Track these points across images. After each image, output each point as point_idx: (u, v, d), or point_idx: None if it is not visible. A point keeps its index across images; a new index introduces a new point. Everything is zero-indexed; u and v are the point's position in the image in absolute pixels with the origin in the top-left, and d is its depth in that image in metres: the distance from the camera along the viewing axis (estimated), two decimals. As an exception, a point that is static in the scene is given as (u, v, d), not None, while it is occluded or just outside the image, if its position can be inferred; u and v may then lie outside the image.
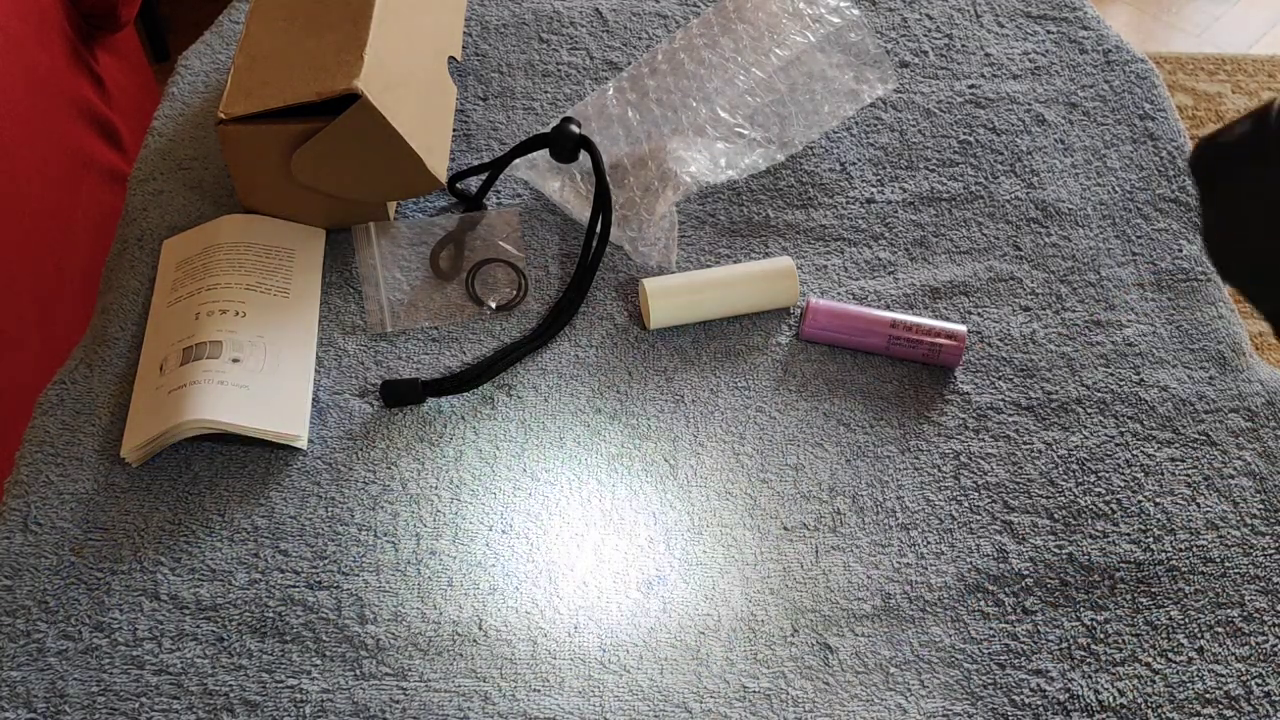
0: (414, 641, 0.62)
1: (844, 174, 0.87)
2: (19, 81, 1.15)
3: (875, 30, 0.98)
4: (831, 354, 0.76)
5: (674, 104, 0.85)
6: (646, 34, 0.98)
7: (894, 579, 0.65)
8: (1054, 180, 0.87)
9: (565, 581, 0.65)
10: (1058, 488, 0.70)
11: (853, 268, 0.81)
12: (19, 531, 0.67)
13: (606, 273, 0.81)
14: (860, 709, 0.60)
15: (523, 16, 0.99)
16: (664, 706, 0.60)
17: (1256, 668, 0.63)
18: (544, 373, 0.75)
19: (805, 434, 0.72)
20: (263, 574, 0.65)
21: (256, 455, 0.71)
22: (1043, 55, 0.96)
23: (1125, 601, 0.65)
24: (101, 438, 0.71)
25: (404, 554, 0.66)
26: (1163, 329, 0.78)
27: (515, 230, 0.83)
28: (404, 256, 0.81)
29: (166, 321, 0.75)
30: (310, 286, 0.78)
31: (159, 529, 0.67)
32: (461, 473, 0.70)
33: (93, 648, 0.62)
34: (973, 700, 0.60)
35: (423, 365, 0.76)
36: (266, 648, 0.62)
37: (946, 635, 0.63)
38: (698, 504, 0.69)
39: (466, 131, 0.90)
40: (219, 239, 0.78)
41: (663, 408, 0.73)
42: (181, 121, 0.91)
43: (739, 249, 0.82)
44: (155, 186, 0.86)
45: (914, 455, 0.71)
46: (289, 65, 0.77)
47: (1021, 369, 0.75)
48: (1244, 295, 0.47)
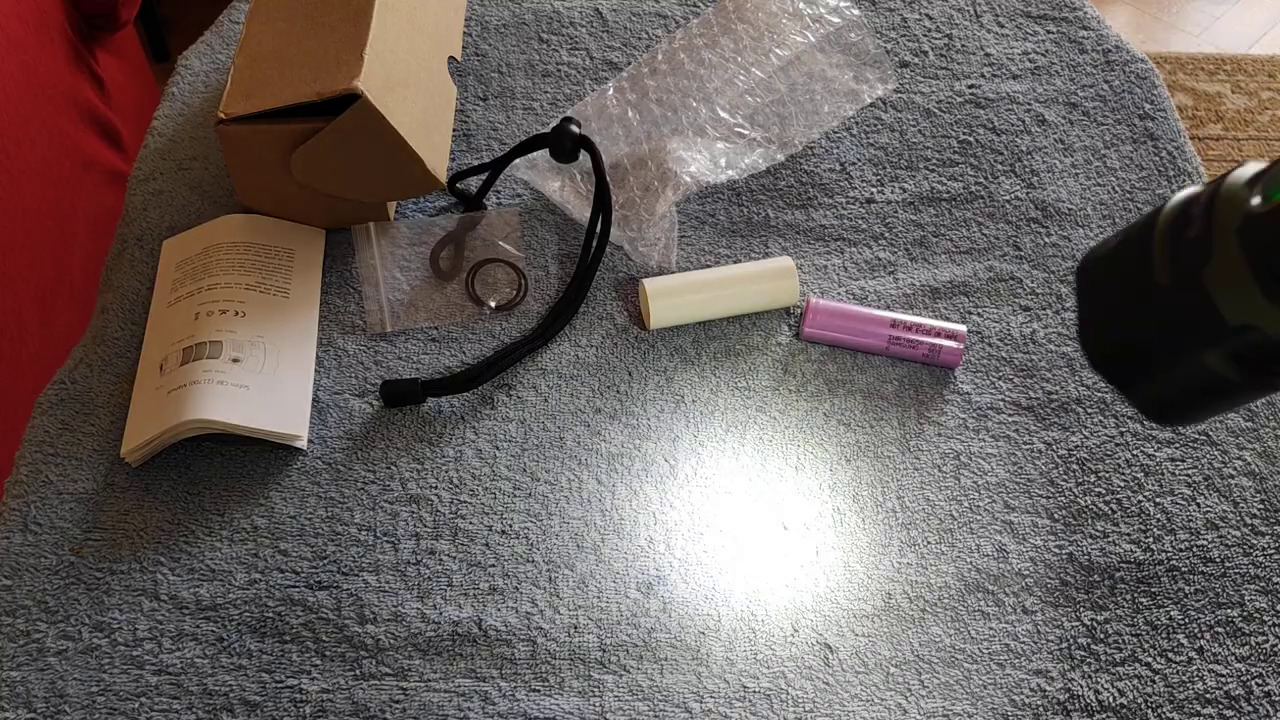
0: (414, 641, 0.62)
1: (844, 174, 0.87)
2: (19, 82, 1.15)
3: (875, 30, 0.98)
4: (831, 354, 0.76)
5: (674, 104, 0.85)
6: (646, 34, 0.98)
7: (894, 579, 0.65)
8: (1054, 180, 0.87)
9: (565, 581, 0.65)
10: (1058, 488, 0.70)
11: (853, 268, 0.81)
12: (19, 531, 0.67)
13: (606, 273, 0.81)
14: (860, 709, 0.60)
15: (523, 16, 0.99)
16: (664, 706, 0.60)
17: (1256, 668, 0.63)
18: (544, 373, 0.75)
19: (805, 434, 0.72)
20: (262, 574, 0.65)
21: (256, 455, 0.71)
22: (1043, 55, 0.96)
23: (1125, 601, 0.65)
24: (101, 438, 0.71)
25: (404, 554, 0.66)
26: (1163, 329, 0.78)
27: (515, 230, 0.83)
28: (404, 256, 0.81)
29: (166, 321, 0.75)
30: (310, 286, 0.78)
31: (159, 529, 0.67)
32: (461, 473, 0.70)
33: (92, 648, 0.62)
34: (973, 700, 0.60)
35: (423, 365, 0.76)
36: (266, 648, 0.62)
37: (946, 635, 0.63)
38: (698, 504, 0.69)
39: (466, 131, 0.90)
40: (219, 239, 0.78)
41: (663, 408, 0.73)
42: (181, 121, 0.91)
43: (739, 249, 0.82)
44: (155, 186, 0.86)
45: (914, 455, 0.71)
46: (289, 65, 0.77)
47: (1021, 369, 0.75)
48: (1113, 386, 0.50)
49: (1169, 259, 0.45)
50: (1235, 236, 0.42)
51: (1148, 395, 0.48)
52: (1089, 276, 0.50)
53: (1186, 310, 0.44)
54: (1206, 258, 0.43)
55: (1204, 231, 0.43)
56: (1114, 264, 0.48)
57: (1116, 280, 0.48)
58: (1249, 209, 0.42)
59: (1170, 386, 0.47)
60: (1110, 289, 0.48)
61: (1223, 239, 0.43)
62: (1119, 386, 0.49)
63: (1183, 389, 0.46)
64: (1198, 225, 0.44)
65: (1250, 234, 0.42)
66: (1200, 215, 0.44)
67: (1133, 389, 0.48)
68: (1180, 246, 0.45)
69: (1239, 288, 0.42)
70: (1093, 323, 0.49)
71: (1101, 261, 0.49)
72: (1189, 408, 0.48)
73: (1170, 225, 0.45)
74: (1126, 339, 0.48)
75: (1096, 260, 0.49)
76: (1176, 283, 0.44)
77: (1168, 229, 0.45)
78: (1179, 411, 0.48)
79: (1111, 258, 0.48)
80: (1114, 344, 0.48)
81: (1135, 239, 0.47)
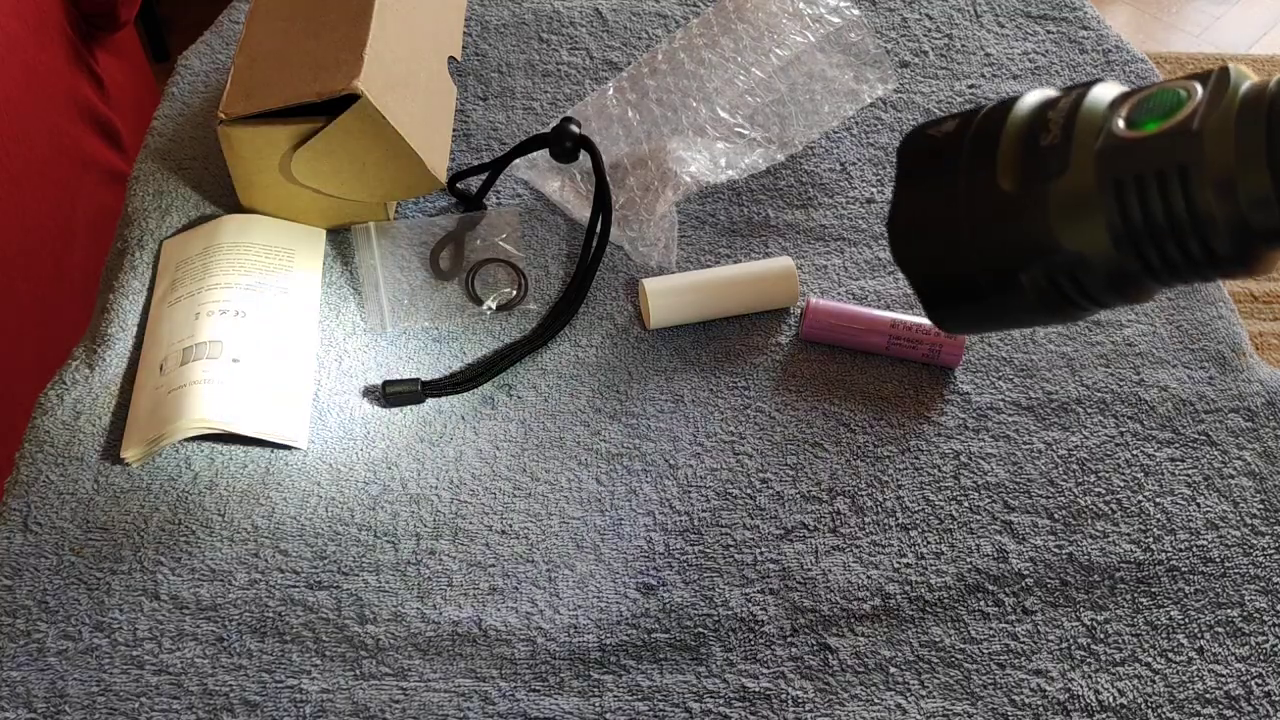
0: (413, 641, 0.62)
1: (844, 174, 0.87)
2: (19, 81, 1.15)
3: (875, 30, 0.98)
4: (831, 354, 0.76)
5: (674, 104, 0.85)
6: (646, 34, 0.98)
7: (894, 579, 0.65)
8: (1054, 180, 0.87)
9: (565, 581, 0.65)
10: (1058, 488, 0.70)
11: (853, 268, 0.81)
12: (19, 532, 0.67)
13: (606, 273, 0.81)
14: (860, 709, 0.60)
15: (523, 16, 0.99)
16: (664, 706, 0.60)
17: (1256, 668, 0.63)
18: (544, 373, 0.75)
19: (805, 434, 0.72)
20: (262, 574, 0.65)
21: (256, 455, 0.71)
22: (1043, 55, 0.96)
23: (1125, 601, 0.65)
24: (101, 438, 0.71)
25: (404, 554, 0.66)
26: (1162, 329, 0.78)
27: (515, 230, 0.83)
28: (404, 256, 0.81)
29: (166, 321, 0.75)
30: (310, 286, 0.78)
31: (159, 529, 0.67)
32: (461, 473, 0.70)
33: (93, 648, 0.62)
34: (972, 700, 0.60)
35: (423, 365, 0.76)
36: (266, 648, 0.62)
37: (946, 635, 0.63)
38: (697, 504, 0.69)
39: (466, 131, 0.90)
40: (219, 239, 0.78)
41: (663, 408, 0.73)
42: (181, 121, 0.91)
43: (739, 249, 0.82)
44: (155, 186, 0.86)
45: (914, 455, 0.71)
46: (289, 65, 0.77)
47: (1021, 369, 0.76)
48: (905, 272, 0.47)
49: (1017, 163, 0.42)
50: (1095, 159, 0.39)
51: (940, 289, 0.45)
52: (915, 158, 0.46)
53: (1020, 220, 0.41)
54: (1060, 170, 0.40)
55: (1062, 143, 0.40)
56: (949, 153, 0.44)
57: (950, 172, 0.44)
58: (1114, 131, 0.39)
59: (969, 287, 0.44)
60: (940, 177, 0.45)
61: (1082, 156, 0.40)
62: (915, 276, 0.46)
63: (981, 294, 0.44)
64: (1055, 134, 0.41)
65: (1110, 159, 0.39)
66: (1060, 125, 0.41)
67: (929, 281, 0.45)
68: (1032, 152, 0.41)
69: (1084, 212, 0.40)
70: (909, 207, 0.46)
71: (934, 145, 0.45)
72: (976, 317, 0.45)
73: (1024, 127, 0.42)
74: (947, 232, 0.44)
75: (927, 141, 0.46)
76: (1020, 189, 0.41)
77: (1022, 131, 0.42)
78: (964, 317, 0.45)
79: (947, 145, 0.45)
80: (930, 235, 0.45)
81: (978, 131, 0.43)
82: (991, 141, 0.43)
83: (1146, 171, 0.39)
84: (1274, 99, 0.36)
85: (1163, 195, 0.38)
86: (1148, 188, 0.39)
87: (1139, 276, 0.41)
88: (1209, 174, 0.37)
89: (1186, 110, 0.38)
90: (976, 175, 0.43)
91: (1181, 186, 0.38)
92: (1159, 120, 0.39)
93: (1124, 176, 0.39)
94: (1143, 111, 0.40)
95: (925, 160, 0.46)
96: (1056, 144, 0.41)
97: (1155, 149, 0.39)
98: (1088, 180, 0.40)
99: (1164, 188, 0.38)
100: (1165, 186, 0.38)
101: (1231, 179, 0.37)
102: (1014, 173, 0.42)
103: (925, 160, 0.46)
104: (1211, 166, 0.37)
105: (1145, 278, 0.41)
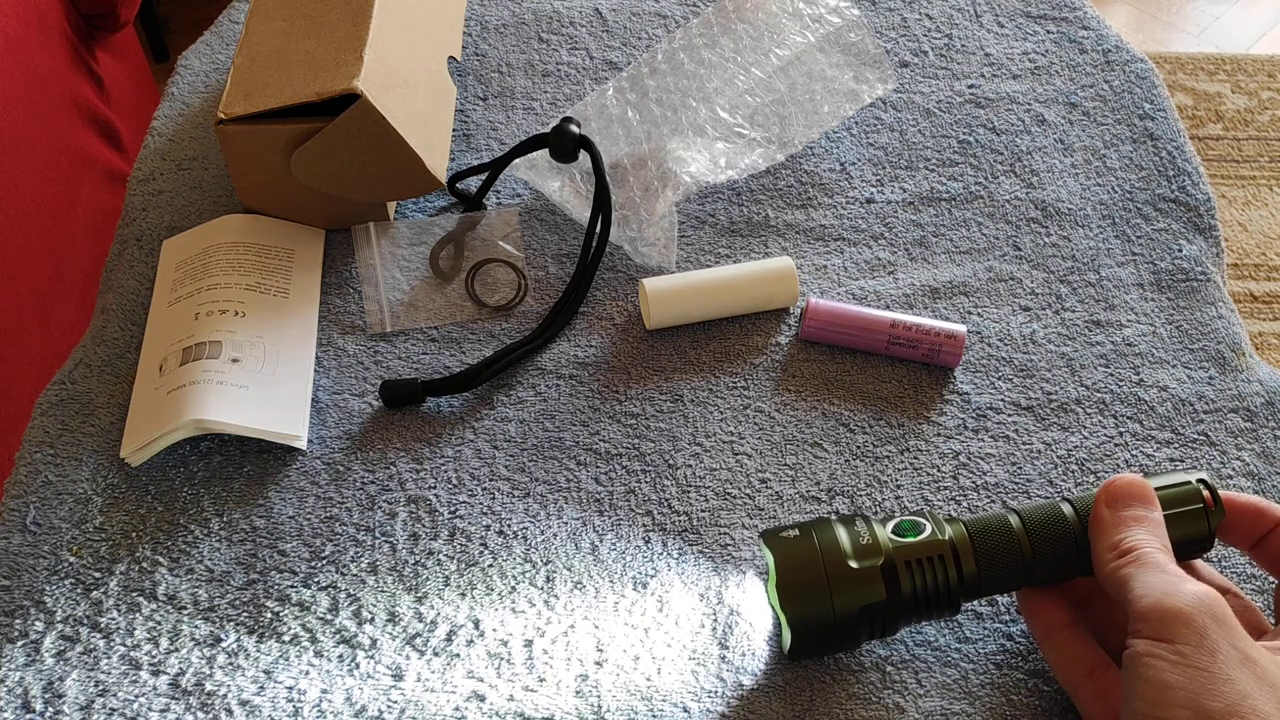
0: (411, 641, 0.62)
1: (844, 174, 0.87)
2: (19, 81, 1.15)
3: (875, 30, 0.98)
4: (831, 354, 0.76)
5: (674, 104, 0.85)
6: (646, 34, 0.98)
7: (893, 579, 0.65)
8: (1054, 180, 0.87)
9: (562, 581, 0.65)
10: (1057, 488, 0.70)
11: (853, 268, 0.81)
12: (18, 532, 0.67)
13: (606, 273, 0.81)
14: (858, 708, 0.60)
15: (523, 16, 0.99)
16: (662, 706, 0.60)
17: (1256, 668, 0.63)
18: (544, 373, 0.75)
19: (805, 434, 0.72)
20: (261, 574, 0.65)
21: (256, 455, 0.71)
22: (1042, 55, 0.96)
23: (1124, 602, 0.65)
24: (101, 438, 0.71)
25: (401, 554, 0.66)
26: (1162, 329, 0.78)
27: (515, 230, 0.83)
28: (404, 256, 0.81)
29: (166, 321, 0.75)
30: (310, 286, 0.79)
31: (157, 529, 0.67)
32: (460, 473, 0.70)
33: (91, 648, 0.62)
34: (970, 700, 0.60)
35: (423, 365, 0.76)
36: (264, 648, 0.62)
37: (943, 635, 0.63)
38: (696, 504, 0.69)
39: (466, 131, 0.90)
40: (219, 239, 0.78)
41: (662, 407, 0.73)
42: (181, 121, 0.91)
43: (739, 249, 0.82)
44: (155, 186, 0.86)
45: (913, 455, 0.71)
46: (289, 65, 0.77)
47: (1021, 369, 0.75)
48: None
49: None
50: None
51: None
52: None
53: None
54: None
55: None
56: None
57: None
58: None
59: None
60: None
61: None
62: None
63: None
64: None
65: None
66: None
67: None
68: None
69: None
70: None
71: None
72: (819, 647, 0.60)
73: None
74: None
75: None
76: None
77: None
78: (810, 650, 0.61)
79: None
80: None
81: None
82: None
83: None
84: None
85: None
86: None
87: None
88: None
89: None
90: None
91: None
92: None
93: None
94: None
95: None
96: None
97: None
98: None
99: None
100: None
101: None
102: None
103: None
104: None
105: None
